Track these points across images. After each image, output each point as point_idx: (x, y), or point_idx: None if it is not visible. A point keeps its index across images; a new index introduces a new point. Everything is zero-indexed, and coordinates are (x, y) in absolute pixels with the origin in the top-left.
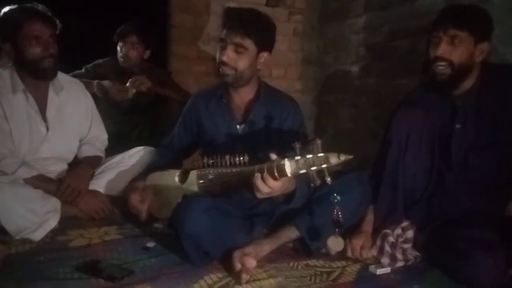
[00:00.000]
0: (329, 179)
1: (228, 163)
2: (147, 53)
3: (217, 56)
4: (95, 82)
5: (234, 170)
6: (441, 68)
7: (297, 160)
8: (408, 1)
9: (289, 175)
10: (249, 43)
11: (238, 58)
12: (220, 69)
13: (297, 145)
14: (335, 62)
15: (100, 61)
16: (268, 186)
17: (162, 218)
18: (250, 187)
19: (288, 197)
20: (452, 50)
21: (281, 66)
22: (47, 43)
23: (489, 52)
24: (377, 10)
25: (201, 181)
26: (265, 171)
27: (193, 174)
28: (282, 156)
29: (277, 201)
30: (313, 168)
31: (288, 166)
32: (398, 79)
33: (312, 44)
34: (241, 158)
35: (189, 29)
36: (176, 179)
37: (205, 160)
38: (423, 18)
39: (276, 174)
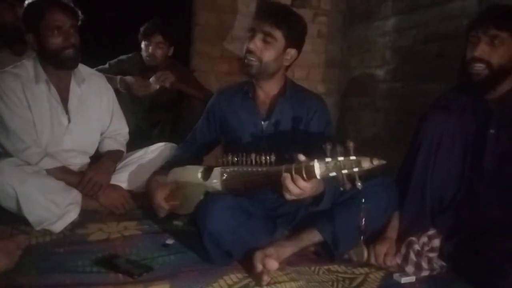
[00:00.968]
0: (359, 183)
1: (253, 161)
2: (171, 50)
3: (245, 46)
4: (118, 77)
5: (259, 169)
6: (478, 68)
7: (327, 162)
8: (438, 4)
9: (318, 177)
10: (278, 34)
11: (264, 48)
12: (245, 60)
13: (328, 147)
14: (360, 65)
15: (124, 57)
16: (298, 187)
17: (182, 214)
18: (275, 187)
19: (317, 199)
20: (491, 51)
21: (304, 68)
22: (68, 33)
23: None
24: (405, 12)
25: (225, 179)
26: (293, 172)
27: (216, 171)
28: (309, 157)
29: (305, 203)
30: (344, 171)
31: (318, 167)
32: (425, 83)
33: (336, 46)
34: (268, 158)
35: (213, 27)
36: (199, 175)
37: (230, 157)
38: (454, 21)
39: (304, 175)
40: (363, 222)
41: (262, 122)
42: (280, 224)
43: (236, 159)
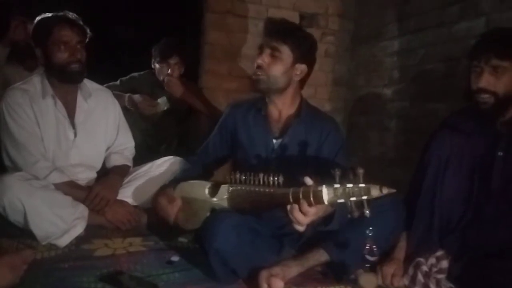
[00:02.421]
0: (368, 211)
1: (261, 181)
2: (183, 69)
3: (255, 63)
4: (127, 95)
5: (266, 190)
6: (484, 97)
7: (336, 189)
8: (445, 25)
9: (325, 202)
10: (284, 48)
11: (272, 63)
12: (254, 76)
13: (337, 172)
14: (367, 84)
15: (135, 74)
16: (306, 215)
17: (187, 229)
18: (281, 208)
19: (326, 219)
20: (495, 81)
21: (311, 86)
22: (74, 49)
23: None
24: (413, 33)
25: (231, 197)
26: (301, 196)
27: (224, 188)
28: (318, 181)
29: (315, 223)
30: (352, 198)
31: (326, 193)
32: (432, 103)
33: (343, 66)
34: (275, 179)
35: (222, 46)
36: (206, 191)
37: (238, 175)
38: (461, 42)
39: (312, 200)
40: (370, 245)
41: (274, 141)
42: (287, 243)
43: (244, 177)
